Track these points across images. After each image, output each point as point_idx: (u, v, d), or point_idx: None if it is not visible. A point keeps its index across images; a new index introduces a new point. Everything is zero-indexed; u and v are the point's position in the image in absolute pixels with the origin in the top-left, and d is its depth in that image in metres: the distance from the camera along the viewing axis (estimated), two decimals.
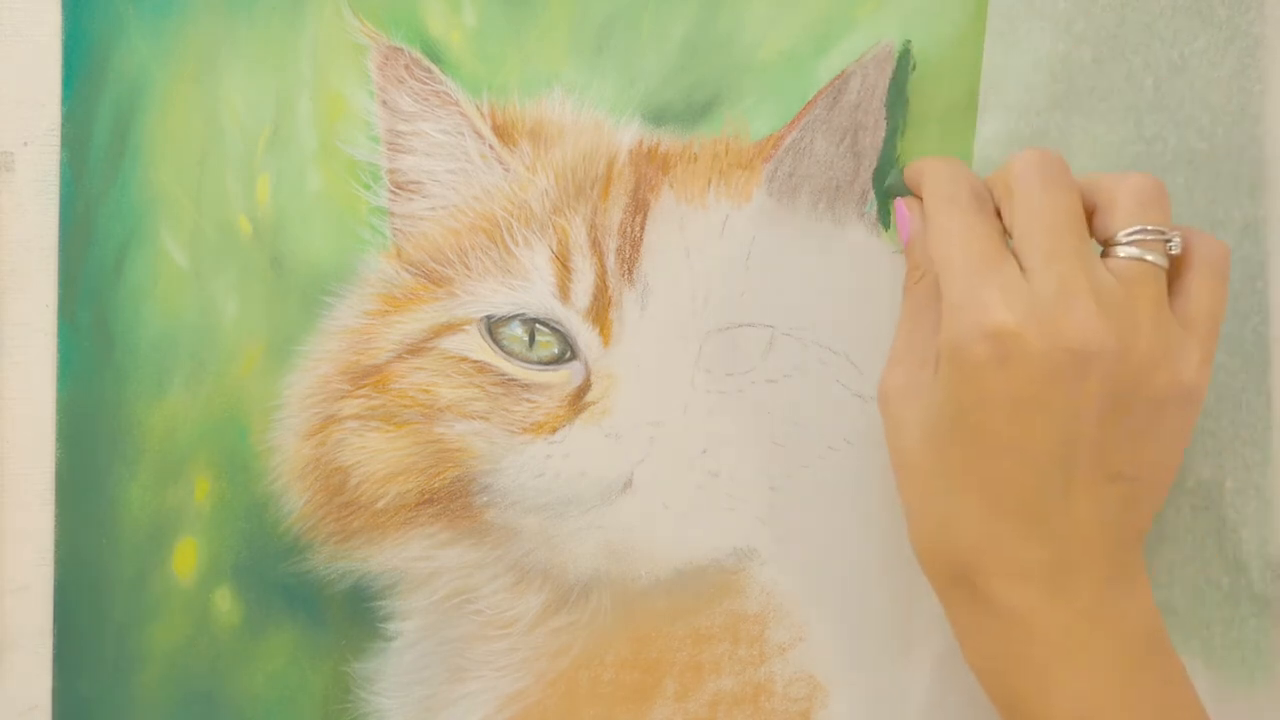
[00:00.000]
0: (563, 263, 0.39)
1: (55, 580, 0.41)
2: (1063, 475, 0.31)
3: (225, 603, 0.40)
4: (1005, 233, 0.33)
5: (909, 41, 0.37)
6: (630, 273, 0.38)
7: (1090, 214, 0.32)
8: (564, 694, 0.39)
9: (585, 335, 0.39)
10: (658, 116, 0.39)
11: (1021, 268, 0.31)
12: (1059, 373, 0.30)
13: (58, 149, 0.42)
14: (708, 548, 0.39)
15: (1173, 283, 0.32)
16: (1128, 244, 0.31)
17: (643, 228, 0.39)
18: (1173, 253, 0.32)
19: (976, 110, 0.37)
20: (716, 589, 0.39)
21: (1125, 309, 0.31)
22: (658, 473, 0.38)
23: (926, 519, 0.33)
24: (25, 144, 0.42)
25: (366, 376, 0.40)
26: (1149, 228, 0.31)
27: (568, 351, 0.39)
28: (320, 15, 0.40)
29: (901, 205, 0.35)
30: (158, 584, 0.41)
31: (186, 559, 0.41)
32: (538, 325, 0.39)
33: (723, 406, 0.38)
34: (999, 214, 0.33)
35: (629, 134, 0.39)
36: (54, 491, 0.41)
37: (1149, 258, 0.31)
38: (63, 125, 0.42)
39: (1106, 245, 0.32)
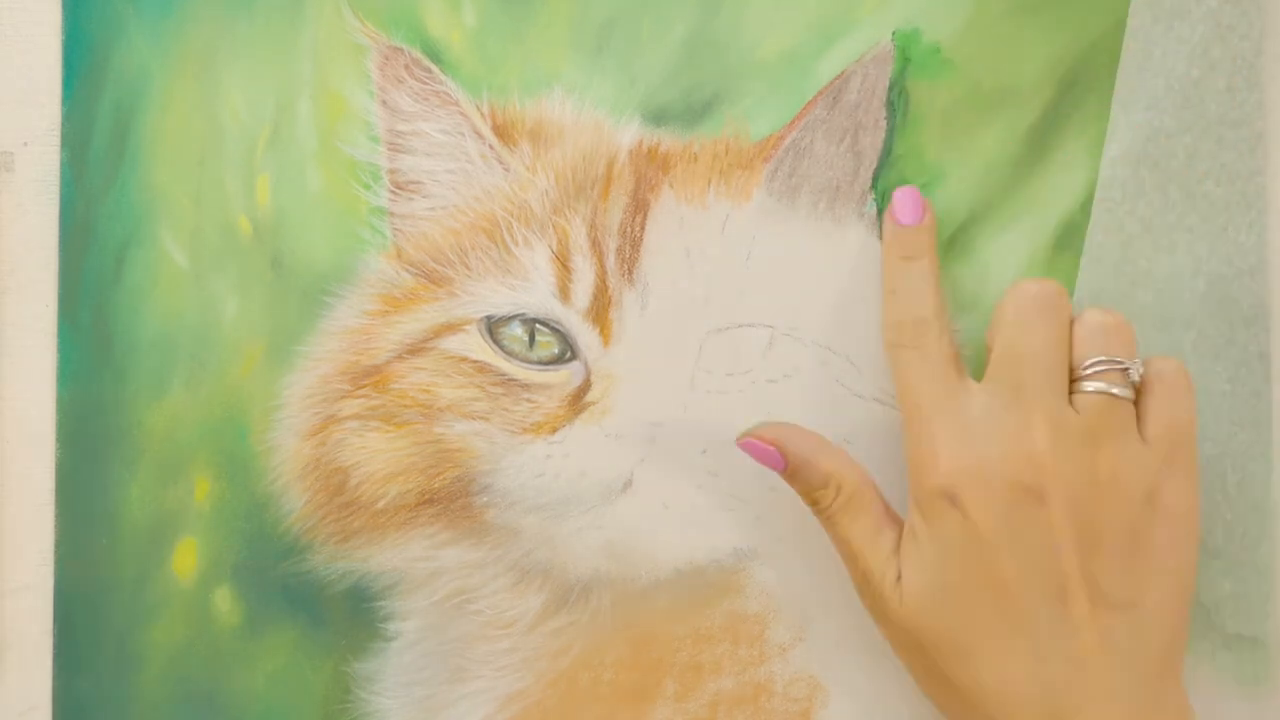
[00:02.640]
0: (563, 263, 0.39)
1: (55, 580, 0.41)
2: (1057, 609, 0.31)
3: (225, 603, 0.41)
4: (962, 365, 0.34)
5: (911, 33, 0.37)
6: (630, 273, 0.38)
7: None
8: (564, 694, 0.39)
9: (585, 335, 0.39)
10: (658, 116, 0.39)
11: (992, 391, 0.33)
12: (1014, 509, 0.31)
13: (58, 149, 0.42)
14: (708, 548, 0.39)
15: (1139, 408, 0.33)
16: (1090, 377, 0.32)
17: (643, 228, 0.39)
18: (1134, 380, 0.33)
19: (976, 110, 0.37)
20: (716, 589, 0.39)
21: (1084, 438, 0.32)
22: (658, 473, 0.38)
23: (936, 667, 0.33)
24: (25, 144, 0.42)
25: (366, 376, 0.40)
26: (1107, 358, 0.32)
27: (568, 351, 0.39)
28: (320, 15, 0.40)
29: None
30: (158, 584, 0.41)
31: (186, 559, 0.41)
32: (538, 325, 0.39)
33: (723, 406, 0.38)
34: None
35: (629, 134, 0.39)
36: (54, 491, 0.41)
37: (1114, 390, 0.32)
38: (63, 125, 0.42)
39: (1072, 379, 0.33)
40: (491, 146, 0.39)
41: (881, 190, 0.38)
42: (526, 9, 0.39)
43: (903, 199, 0.36)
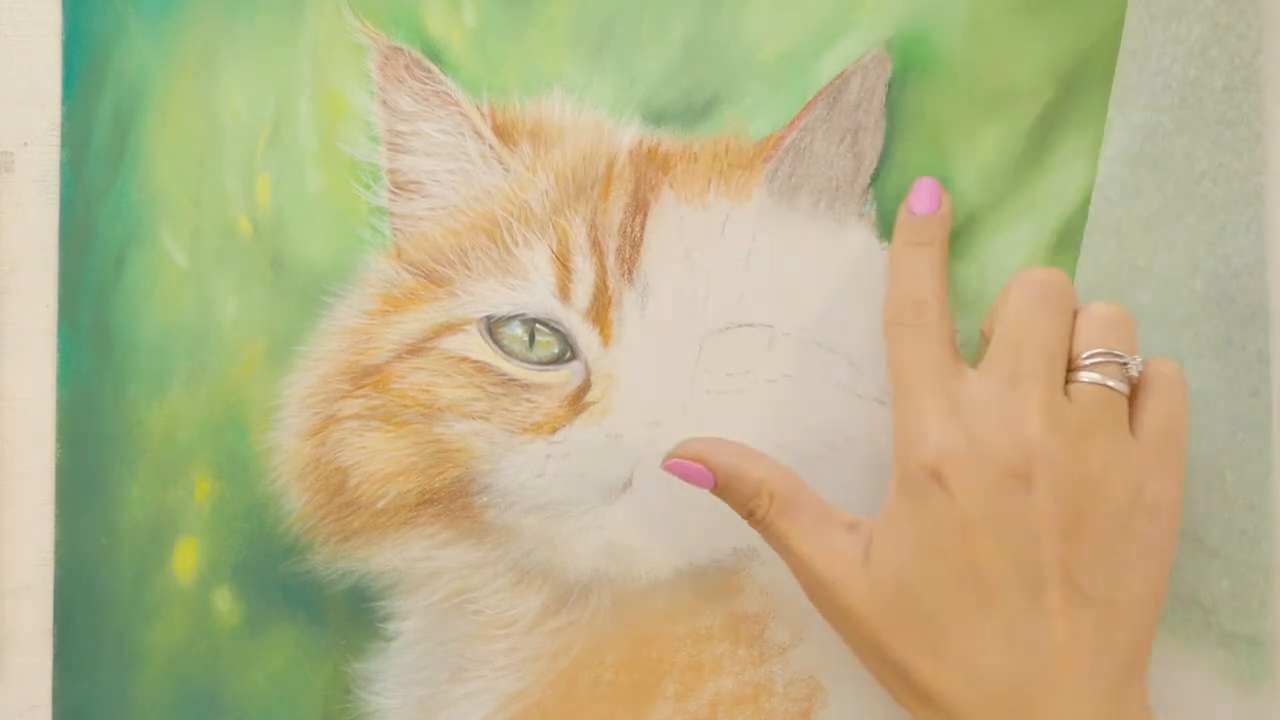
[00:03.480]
0: (563, 263, 0.39)
1: (55, 580, 0.41)
2: (1030, 598, 0.31)
3: (225, 603, 0.40)
4: (956, 346, 0.34)
5: (910, 34, 0.37)
6: (630, 273, 0.38)
7: None
8: (564, 694, 0.39)
9: (585, 335, 0.39)
10: (658, 116, 0.39)
11: (989, 376, 0.33)
12: (1000, 493, 0.31)
13: (58, 149, 0.42)
14: (708, 548, 0.39)
15: (1133, 405, 0.33)
16: (1088, 368, 0.32)
17: (643, 228, 0.39)
18: (1132, 376, 0.33)
19: (975, 110, 0.37)
20: (716, 589, 0.39)
21: (1076, 428, 0.32)
22: (658, 473, 0.38)
23: (899, 644, 0.33)
24: (25, 144, 0.42)
25: (366, 376, 0.40)
26: (1106, 351, 0.32)
27: (568, 351, 0.39)
28: (320, 15, 0.40)
29: None
30: (158, 584, 0.41)
31: (186, 559, 0.41)
32: (538, 325, 0.39)
33: (723, 406, 0.38)
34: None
35: (629, 134, 0.39)
36: (54, 491, 0.41)
37: (1110, 383, 0.32)
38: (63, 125, 0.42)
39: (1070, 369, 0.33)
40: (491, 146, 0.39)
41: (880, 190, 0.38)
42: (526, 9, 0.39)
43: (921, 188, 0.36)
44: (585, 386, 0.39)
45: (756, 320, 0.38)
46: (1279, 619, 0.36)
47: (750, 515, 0.35)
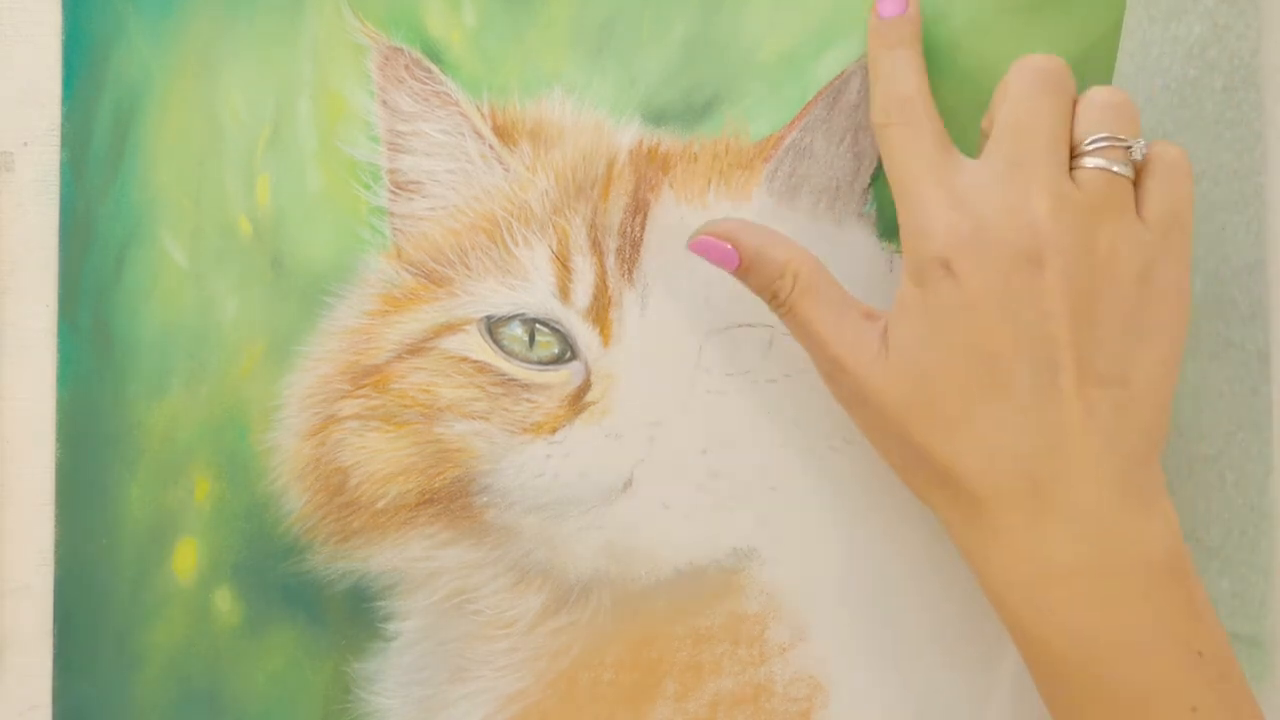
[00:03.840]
0: (563, 263, 0.39)
1: (55, 580, 0.41)
2: (1045, 379, 0.31)
3: (225, 603, 0.40)
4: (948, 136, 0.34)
5: None
6: (630, 273, 0.38)
7: None
8: (564, 694, 0.39)
9: (585, 335, 0.39)
10: (658, 116, 0.39)
11: (991, 164, 0.32)
12: (1011, 275, 0.31)
13: (58, 149, 0.42)
14: (708, 548, 0.39)
15: (1138, 189, 0.33)
16: (1091, 153, 0.32)
17: (643, 228, 0.39)
18: (1135, 159, 0.32)
19: (975, 111, 0.37)
20: (716, 589, 0.39)
21: (1083, 210, 0.31)
22: (658, 473, 0.38)
23: (913, 422, 0.32)
24: (25, 144, 0.42)
25: (366, 376, 0.40)
26: (1110, 135, 0.32)
27: (568, 351, 0.39)
28: (320, 15, 0.40)
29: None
30: (158, 584, 0.41)
31: (186, 559, 0.41)
32: (538, 325, 0.39)
33: (723, 406, 0.38)
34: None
35: (629, 134, 0.39)
36: (54, 491, 0.41)
37: (1114, 168, 0.32)
38: (63, 125, 0.42)
39: (1073, 155, 0.32)
40: (491, 146, 0.39)
41: (880, 190, 0.38)
42: (526, 9, 0.39)
43: None
44: (585, 386, 0.39)
45: (756, 320, 0.38)
46: (1279, 619, 0.36)
47: (774, 297, 0.35)
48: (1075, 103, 0.33)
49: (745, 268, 0.35)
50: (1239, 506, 0.37)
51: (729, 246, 0.35)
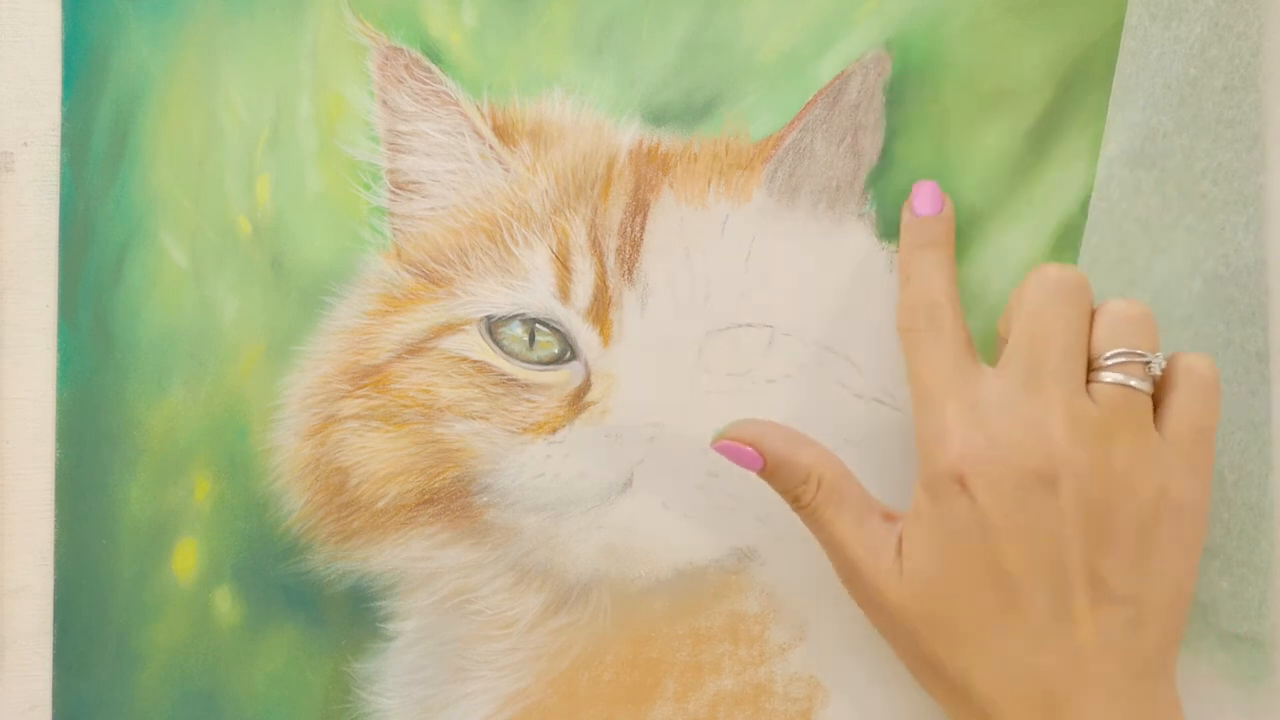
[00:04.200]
0: (563, 263, 0.39)
1: (55, 580, 0.41)
2: (1058, 601, 0.31)
3: (225, 603, 0.40)
4: (972, 346, 0.34)
5: (910, 35, 0.37)
6: (630, 273, 0.39)
7: None
8: (564, 694, 0.39)
9: (585, 335, 0.39)
10: (658, 116, 0.39)
11: (1007, 377, 0.32)
12: (1025, 497, 0.31)
13: (58, 149, 0.42)
14: (708, 548, 0.39)
15: (1160, 403, 0.33)
16: (1110, 368, 0.32)
17: (643, 228, 0.39)
18: (1154, 374, 0.32)
19: (975, 111, 0.37)
20: (716, 589, 0.39)
21: (1099, 429, 0.31)
22: (658, 473, 0.38)
23: (934, 643, 0.33)
24: (25, 144, 0.42)
25: (366, 376, 0.40)
26: (1128, 350, 0.32)
27: (568, 351, 0.39)
28: (320, 15, 0.40)
29: None
30: (158, 584, 0.41)
31: (186, 559, 0.41)
32: (538, 325, 0.39)
33: (723, 406, 0.38)
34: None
35: (629, 134, 0.39)
36: (54, 491, 0.41)
37: (1132, 383, 0.32)
38: (63, 125, 0.42)
39: (1091, 369, 0.32)
40: (491, 146, 0.39)
41: (880, 190, 0.38)
42: (526, 9, 0.39)
43: (921, 191, 0.36)
44: (585, 386, 0.39)
45: (756, 320, 0.38)
46: (1279, 619, 0.36)
47: (796, 500, 0.35)
48: (1093, 313, 0.33)
49: (770, 471, 0.35)
50: (1238, 506, 0.37)
51: (752, 450, 0.35)
